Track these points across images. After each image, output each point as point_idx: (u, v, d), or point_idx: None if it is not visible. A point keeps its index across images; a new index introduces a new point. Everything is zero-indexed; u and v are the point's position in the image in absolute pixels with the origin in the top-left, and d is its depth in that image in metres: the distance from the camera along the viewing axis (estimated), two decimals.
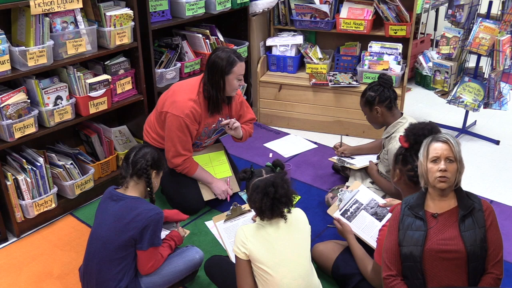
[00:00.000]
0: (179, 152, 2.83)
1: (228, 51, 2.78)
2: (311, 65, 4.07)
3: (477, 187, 3.29)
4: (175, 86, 2.93)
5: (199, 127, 2.86)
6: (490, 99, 3.71)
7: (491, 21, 3.59)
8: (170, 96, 2.84)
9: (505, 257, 2.61)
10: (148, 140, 2.98)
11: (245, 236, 1.95)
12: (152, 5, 3.16)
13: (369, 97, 2.72)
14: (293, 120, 4.13)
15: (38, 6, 2.45)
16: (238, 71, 2.77)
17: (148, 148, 2.25)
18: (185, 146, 2.83)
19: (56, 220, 2.96)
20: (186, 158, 2.86)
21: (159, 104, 2.91)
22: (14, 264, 2.62)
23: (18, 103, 2.53)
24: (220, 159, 3.15)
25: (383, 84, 2.71)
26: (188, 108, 2.75)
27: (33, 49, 2.50)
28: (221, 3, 3.53)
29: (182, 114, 2.74)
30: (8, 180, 2.65)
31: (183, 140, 2.81)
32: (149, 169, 2.18)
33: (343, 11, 3.94)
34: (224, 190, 2.98)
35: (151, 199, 2.26)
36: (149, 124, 3.00)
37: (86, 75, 2.85)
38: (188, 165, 2.89)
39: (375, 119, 2.76)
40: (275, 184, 1.93)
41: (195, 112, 2.77)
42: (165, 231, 2.45)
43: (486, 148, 3.84)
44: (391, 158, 2.51)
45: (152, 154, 2.21)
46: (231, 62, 2.74)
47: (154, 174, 2.22)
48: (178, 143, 2.81)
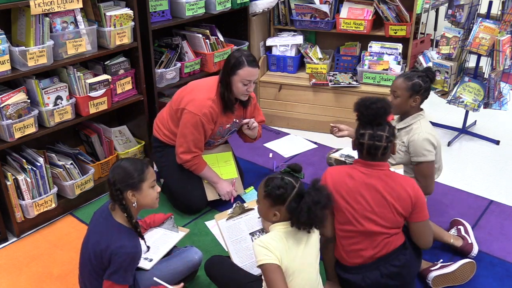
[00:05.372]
0: (190, 149, 2.83)
1: (242, 52, 2.76)
2: (311, 65, 4.08)
3: (477, 187, 3.29)
4: (193, 84, 2.92)
5: (215, 127, 2.86)
6: (490, 99, 3.71)
7: (491, 21, 3.59)
8: (188, 93, 2.84)
9: (505, 257, 2.62)
10: (158, 136, 2.99)
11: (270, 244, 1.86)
12: (152, 5, 3.16)
13: (417, 84, 2.62)
14: (293, 120, 4.13)
15: (38, 6, 2.45)
16: (244, 75, 2.72)
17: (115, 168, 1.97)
18: (197, 144, 2.84)
19: (56, 220, 2.96)
20: (196, 155, 2.87)
21: (174, 101, 2.89)
22: (14, 264, 2.62)
23: (18, 103, 2.53)
24: (227, 160, 3.15)
25: (431, 78, 2.68)
26: (207, 107, 2.75)
27: (33, 49, 2.50)
28: (221, 3, 3.53)
29: (199, 112, 2.74)
30: (8, 180, 2.65)
31: (197, 138, 2.81)
32: (119, 194, 1.92)
33: (343, 11, 3.94)
34: (229, 191, 2.98)
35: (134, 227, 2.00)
36: (161, 120, 3.00)
37: (86, 75, 2.85)
38: (197, 162, 2.89)
39: (405, 106, 2.67)
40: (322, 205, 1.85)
41: (212, 112, 2.77)
42: (167, 231, 2.44)
43: (486, 148, 3.84)
44: (415, 149, 2.56)
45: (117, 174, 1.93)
46: (238, 63, 2.71)
47: (131, 195, 1.95)
48: (191, 141, 2.81)
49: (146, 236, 2.38)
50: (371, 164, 2.10)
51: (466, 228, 2.67)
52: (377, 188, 2.07)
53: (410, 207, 2.07)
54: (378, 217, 2.07)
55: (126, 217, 1.96)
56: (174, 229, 2.48)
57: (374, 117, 2.06)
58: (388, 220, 2.08)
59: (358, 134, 2.11)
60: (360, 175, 2.10)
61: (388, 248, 2.11)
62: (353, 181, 2.10)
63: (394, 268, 2.11)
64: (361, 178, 2.09)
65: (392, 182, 2.08)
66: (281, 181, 1.88)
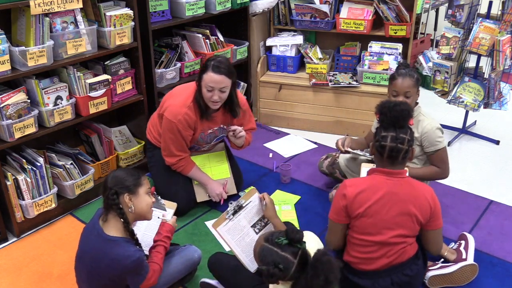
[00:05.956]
0: (173, 153, 2.84)
1: (215, 58, 2.69)
2: (311, 65, 4.07)
3: (477, 187, 3.29)
4: (176, 89, 2.92)
5: (195, 133, 2.84)
6: (490, 99, 3.71)
7: (491, 21, 3.59)
8: (168, 99, 2.84)
9: (505, 257, 2.62)
10: (150, 138, 3.00)
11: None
12: (152, 5, 3.16)
13: (418, 78, 2.68)
14: (293, 120, 4.13)
15: (38, 6, 2.45)
16: (207, 80, 2.63)
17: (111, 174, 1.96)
18: (178, 147, 2.83)
19: (56, 220, 2.96)
20: (180, 158, 2.87)
21: (160, 105, 2.91)
22: (14, 264, 2.62)
23: (18, 103, 2.53)
24: (220, 160, 3.13)
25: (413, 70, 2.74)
26: (182, 114, 2.73)
27: (33, 49, 2.50)
28: (221, 3, 3.53)
29: (175, 119, 2.74)
30: (8, 180, 2.65)
31: (176, 142, 2.81)
32: (115, 198, 1.89)
33: (343, 11, 3.94)
34: (219, 193, 2.95)
35: (130, 234, 1.97)
36: (152, 122, 3.01)
37: (86, 75, 2.85)
38: (182, 164, 2.89)
39: (413, 103, 2.70)
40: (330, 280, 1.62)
41: (188, 119, 2.75)
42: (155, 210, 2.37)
43: (486, 148, 3.84)
44: (430, 139, 2.63)
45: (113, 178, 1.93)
46: (204, 67, 2.66)
47: (128, 199, 1.92)
48: (171, 145, 2.82)
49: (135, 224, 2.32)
50: (392, 172, 2.07)
51: (467, 244, 2.57)
52: (400, 197, 2.05)
53: (429, 215, 2.07)
54: (399, 226, 2.05)
55: (123, 223, 1.92)
56: (161, 206, 2.42)
57: (397, 119, 2.04)
58: (407, 228, 2.07)
59: (380, 136, 2.07)
60: (382, 185, 2.06)
61: (402, 257, 2.10)
62: (375, 191, 2.06)
63: (405, 278, 2.11)
64: (384, 188, 2.06)
65: (413, 190, 2.07)
66: (273, 267, 1.67)
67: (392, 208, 2.05)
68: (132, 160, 3.29)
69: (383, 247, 2.08)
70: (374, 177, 2.11)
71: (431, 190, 2.12)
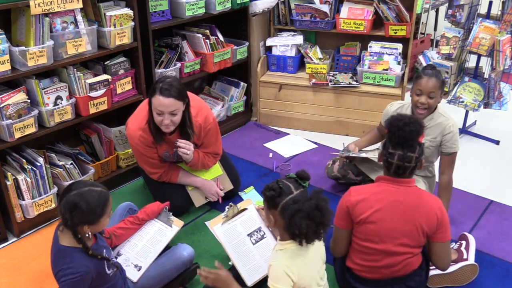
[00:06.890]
0: (150, 171, 2.84)
1: (164, 79, 2.54)
2: (311, 65, 4.08)
3: (477, 187, 3.29)
4: (140, 105, 2.81)
5: (158, 151, 2.78)
6: (490, 99, 3.72)
7: (491, 21, 3.59)
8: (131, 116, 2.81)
9: (505, 257, 2.62)
10: None
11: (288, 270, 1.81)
12: (152, 5, 3.16)
13: (444, 80, 2.66)
14: (293, 120, 4.13)
15: (38, 6, 2.45)
16: (156, 104, 2.50)
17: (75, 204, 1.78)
18: (150, 166, 2.82)
19: (56, 220, 2.95)
20: (160, 174, 2.85)
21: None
22: (14, 264, 2.62)
23: (18, 103, 2.53)
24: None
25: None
26: (137, 137, 2.69)
27: (33, 49, 2.50)
28: (221, 3, 3.53)
29: (133, 142, 2.73)
30: (8, 180, 2.65)
31: (146, 162, 2.80)
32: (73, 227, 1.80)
33: (343, 11, 3.94)
34: (214, 192, 2.94)
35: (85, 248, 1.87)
36: None
37: (86, 75, 2.85)
38: (166, 177, 2.87)
39: (436, 104, 2.67)
40: (321, 208, 1.77)
41: (144, 141, 2.69)
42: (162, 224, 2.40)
43: (486, 148, 3.85)
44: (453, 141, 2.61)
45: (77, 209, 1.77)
46: (152, 90, 2.53)
47: (87, 227, 1.84)
48: (144, 164, 2.83)
49: (139, 234, 2.35)
50: (398, 181, 2.05)
51: (468, 244, 2.58)
52: (406, 205, 2.03)
53: (435, 226, 2.04)
54: (403, 236, 2.04)
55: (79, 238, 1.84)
56: (169, 222, 2.42)
57: (405, 139, 2.00)
58: (413, 238, 2.05)
59: (387, 152, 2.05)
60: (387, 193, 2.05)
61: (406, 269, 2.09)
62: (380, 199, 2.05)
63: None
64: (389, 195, 2.04)
65: (420, 200, 2.05)
66: (276, 184, 1.85)
67: (396, 217, 2.03)
68: (132, 160, 3.29)
69: (386, 256, 2.07)
70: (380, 184, 2.10)
71: (439, 201, 2.10)
